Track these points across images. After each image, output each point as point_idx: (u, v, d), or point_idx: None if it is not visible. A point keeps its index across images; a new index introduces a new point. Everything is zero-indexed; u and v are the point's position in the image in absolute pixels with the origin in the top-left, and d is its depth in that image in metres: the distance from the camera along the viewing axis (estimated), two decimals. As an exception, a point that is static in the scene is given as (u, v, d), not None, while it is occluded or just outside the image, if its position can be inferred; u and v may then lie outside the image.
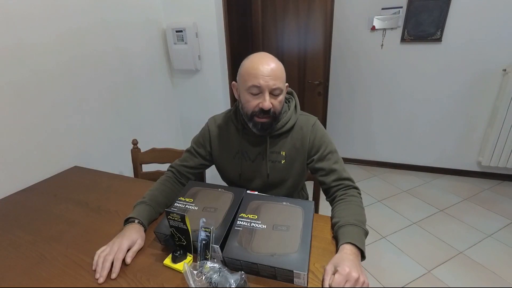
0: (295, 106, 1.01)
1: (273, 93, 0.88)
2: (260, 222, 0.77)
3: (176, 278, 0.71)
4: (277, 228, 0.75)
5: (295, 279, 0.66)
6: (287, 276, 0.66)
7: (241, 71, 0.91)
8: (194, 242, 0.73)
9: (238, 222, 0.77)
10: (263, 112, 0.88)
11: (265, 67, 0.86)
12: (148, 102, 1.97)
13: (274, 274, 0.68)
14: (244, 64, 0.90)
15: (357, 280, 0.63)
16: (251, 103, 0.89)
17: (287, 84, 0.97)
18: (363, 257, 0.74)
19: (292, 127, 0.98)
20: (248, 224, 0.76)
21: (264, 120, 0.90)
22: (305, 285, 0.67)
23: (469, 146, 2.61)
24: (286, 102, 1.02)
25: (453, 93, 2.50)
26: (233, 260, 0.70)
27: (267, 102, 0.86)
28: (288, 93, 1.03)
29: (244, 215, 0.79)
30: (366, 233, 0.79)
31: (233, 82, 0.98)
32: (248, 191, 0.89)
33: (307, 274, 0.65)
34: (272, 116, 0.90)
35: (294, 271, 0.64)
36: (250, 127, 0.94)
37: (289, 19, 2.37)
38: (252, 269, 0.69)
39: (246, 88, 0.89)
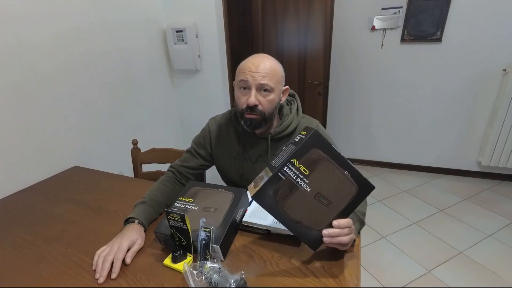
0: (297, 109, 1.01)
1: (261, 90, 0.88)
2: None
3: (176, 278, 0.70)
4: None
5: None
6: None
7: (237, 68, 0.93)
8: (194, 242, 0.73)
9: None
10: (250, 108, 0.88)
11: (256, 64, 0.87)
12: (148, 102, 1.97)
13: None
14: (241, 63, 0.92)
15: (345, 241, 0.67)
16: (241, 100, 0.90)
17: (287, 86, 0.96)
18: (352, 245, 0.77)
19: (294, 130, 0.98)
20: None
21: (252, 116, 0.89)
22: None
23: (469, 146, 2.61)
24: (287, 105, 1.02)
25: (453, 93, 2.50)
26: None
27: (252, 97, 0.86)
28: (290, 95, 1.03)
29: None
30: (361, 223, 0.80)
31: (234, 81, 0.98)
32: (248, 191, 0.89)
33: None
34: (260, 114, 0.89)
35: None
36: (243, 125, 0.95)
37: (289, 19, 2.37)
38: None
39: (237, 84, 0.91)
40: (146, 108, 1.96)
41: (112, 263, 0.73)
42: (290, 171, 0.64)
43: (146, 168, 1.54)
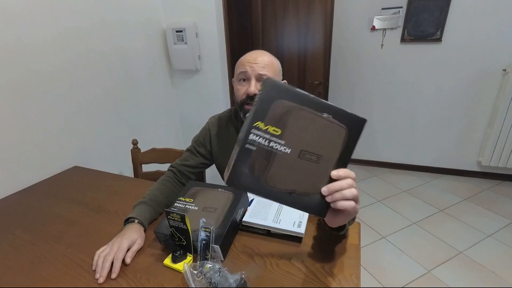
0: None
1: (260, 81, 0.89)
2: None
3: (176, 278, 0.70)
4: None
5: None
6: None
7: (236, 65, 0.95)
8: (194, 242, 0.73)
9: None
10: (250, 98, 0.89)
11: (254, 56, 0.90)
12: (148, 102, 1.97)
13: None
14: (239, 59, 0.95)
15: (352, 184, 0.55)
16: (240, 91, 0.92)
17: (285, 81, 0.97)
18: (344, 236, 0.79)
19: None
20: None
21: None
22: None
23: (469, 146, 2.61)
24: None
25: (453, 93, 2.50)
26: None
27: (252, 87, 0.88)
28: None
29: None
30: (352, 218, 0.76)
31: (232, 79, 0.99)
32: (248, 191, 0.89)
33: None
34: None
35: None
36: (242, 117, 0.95)
37: (289, 19, 2.37)
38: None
39: (236, 77, 0.93)
40: (146, 108, 1.96)
41: (112, 263, 0.73)
42: (258, 137, 0.52)
43: (146, 168, 1.54)
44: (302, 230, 0.79)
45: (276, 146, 0.53)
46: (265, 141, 0.52)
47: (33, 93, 1.26)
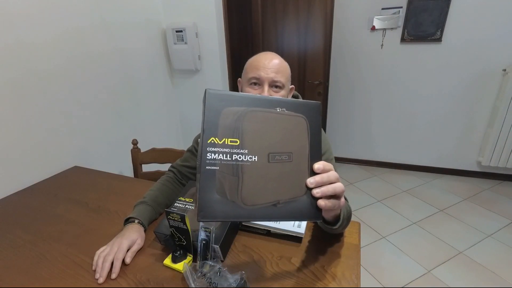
0: None
1: (273, 86, 0.88)
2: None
3: (176, 278, 0.70)
4: None
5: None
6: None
7: (245, 66, 0.92)
8: (194, 242, 0.73)
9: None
10: None
11: (268, 60, 0.87)
12: (148, 102, 1.97)
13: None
14: (249, 60, 0.92)
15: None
16: None
17: (292, 86, 0.97)
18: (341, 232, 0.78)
19: None
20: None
21: None
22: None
23: (469, 146, 2.61)
24: None
25: (453, 93, 2.50)
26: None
27: (265, 92, 0.86)
28: (294, 96, 1.03)
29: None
30: (349, 213, 0.74)
31: (239, 78, 0.98)
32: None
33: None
34: None
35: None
36: None
37: (289, 19, 2.37)
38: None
39: (247, 81, 0.90)
40: (146, 108, 1.96)
41: (112, 263, 0.73)
42: (217, 154, 0.46)
43: (146, 168, 1.54)
44: (302, 230, 0.79)
45: (240, 157, 0.47)
46: (226, 155, 0.47)
47: (34, 93, 1.26)
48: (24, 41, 1.20)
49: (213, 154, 0.46)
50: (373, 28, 2.51)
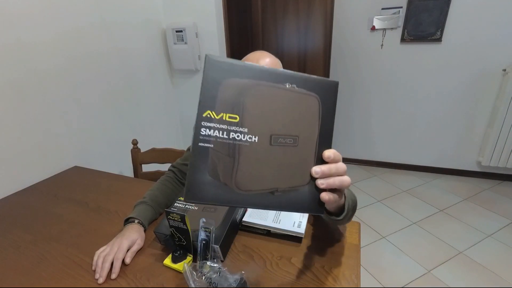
0: None
1: None
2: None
3: (176, 278, 0.70)
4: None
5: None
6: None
7: None
8: (194, 242, 0.73)
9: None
10: None
11: (257, 58, 0.88)
12: (148, 102, 1.97)
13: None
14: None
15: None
16: None
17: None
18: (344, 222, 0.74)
19: None
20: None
21: None
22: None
23: (469, 146, 2.61)
24: None
25: (453, 93, 2.50)
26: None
27: None
28: None
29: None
30: (354, 203, 0.70)
31: None
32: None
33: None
34: None
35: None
36: None
37: (289, 19, 2.37)
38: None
39: None
40: (146, 108, 1.96)
41: (112, 263, 0.73)
42: (212, 130, 0.41)
43: (146, 168, 1.54)
44: (302, 230, 0.79)
45: (238, 136, 0.42)
46: (222, 133, 0.41)
47: (34, 93, 1.26)
48: (24, 41, 1.20)
49: (208, 130, 0.41)
50: (373, 28, 2.51)
